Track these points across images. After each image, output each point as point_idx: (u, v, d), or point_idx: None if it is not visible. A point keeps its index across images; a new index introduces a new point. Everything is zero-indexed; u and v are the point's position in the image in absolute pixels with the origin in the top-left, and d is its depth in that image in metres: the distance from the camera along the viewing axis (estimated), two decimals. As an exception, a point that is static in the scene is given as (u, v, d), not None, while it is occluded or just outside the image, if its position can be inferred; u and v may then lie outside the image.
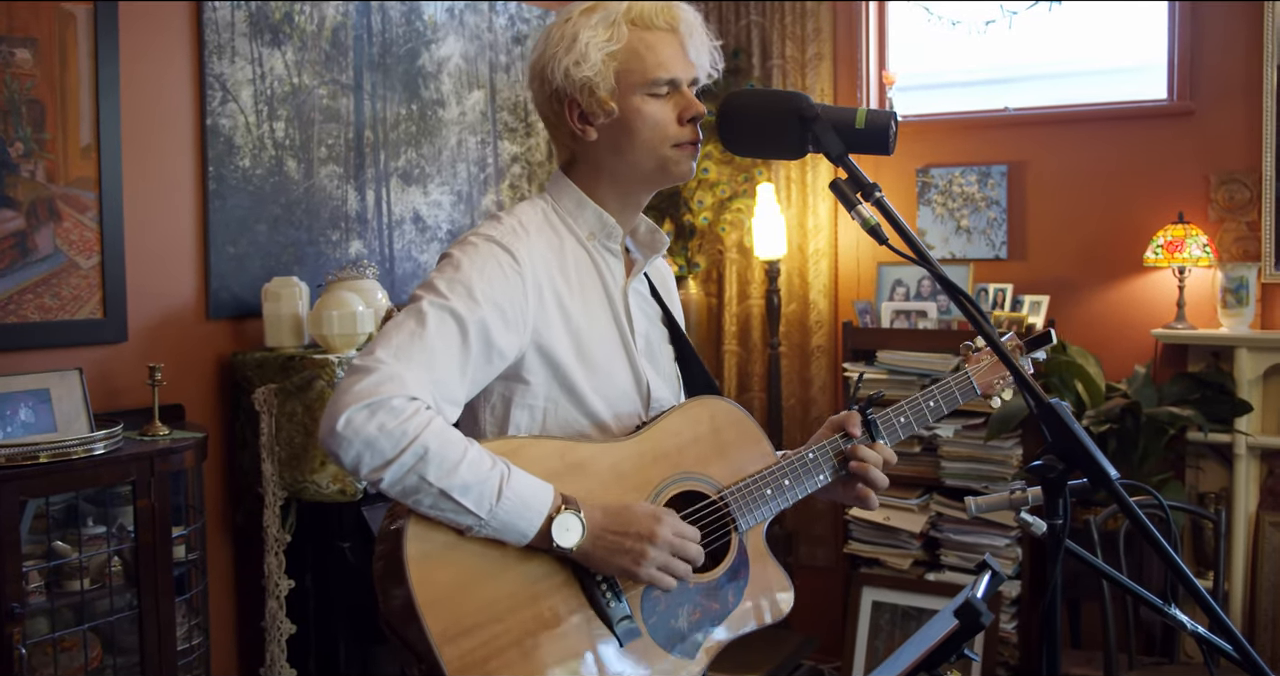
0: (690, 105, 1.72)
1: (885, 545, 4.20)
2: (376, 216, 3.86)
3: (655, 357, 1.83)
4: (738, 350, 4.84)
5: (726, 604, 1.72)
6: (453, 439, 1.50)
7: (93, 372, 3.04)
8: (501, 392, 1.69)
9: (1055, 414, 1.42)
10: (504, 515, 1.50)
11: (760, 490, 1.75)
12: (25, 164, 2.92)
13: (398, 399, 1.47)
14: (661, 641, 1.63)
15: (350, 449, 1.45)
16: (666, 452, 1.70)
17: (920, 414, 1.90)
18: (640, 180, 1.76)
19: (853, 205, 1.56)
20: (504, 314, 1.61)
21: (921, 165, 4.47)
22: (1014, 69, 4.42)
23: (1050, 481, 1.44)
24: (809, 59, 4.64)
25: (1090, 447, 1.41)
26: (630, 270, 1.82)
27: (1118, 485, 1.39)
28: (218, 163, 3.36)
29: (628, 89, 1.69)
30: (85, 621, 2.76)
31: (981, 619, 1.39)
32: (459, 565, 1.50)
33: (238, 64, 3.40)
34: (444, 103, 4.11)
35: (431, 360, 1.53)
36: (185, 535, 3.00)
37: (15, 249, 2.91)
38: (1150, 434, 3.78)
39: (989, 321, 1.49)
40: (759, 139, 1.66)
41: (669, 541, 1.57)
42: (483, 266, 1.61)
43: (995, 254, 4.33)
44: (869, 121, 1.57)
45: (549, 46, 1.70)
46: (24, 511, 2.71)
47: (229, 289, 3.40)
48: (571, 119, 1.72)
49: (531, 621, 1.53)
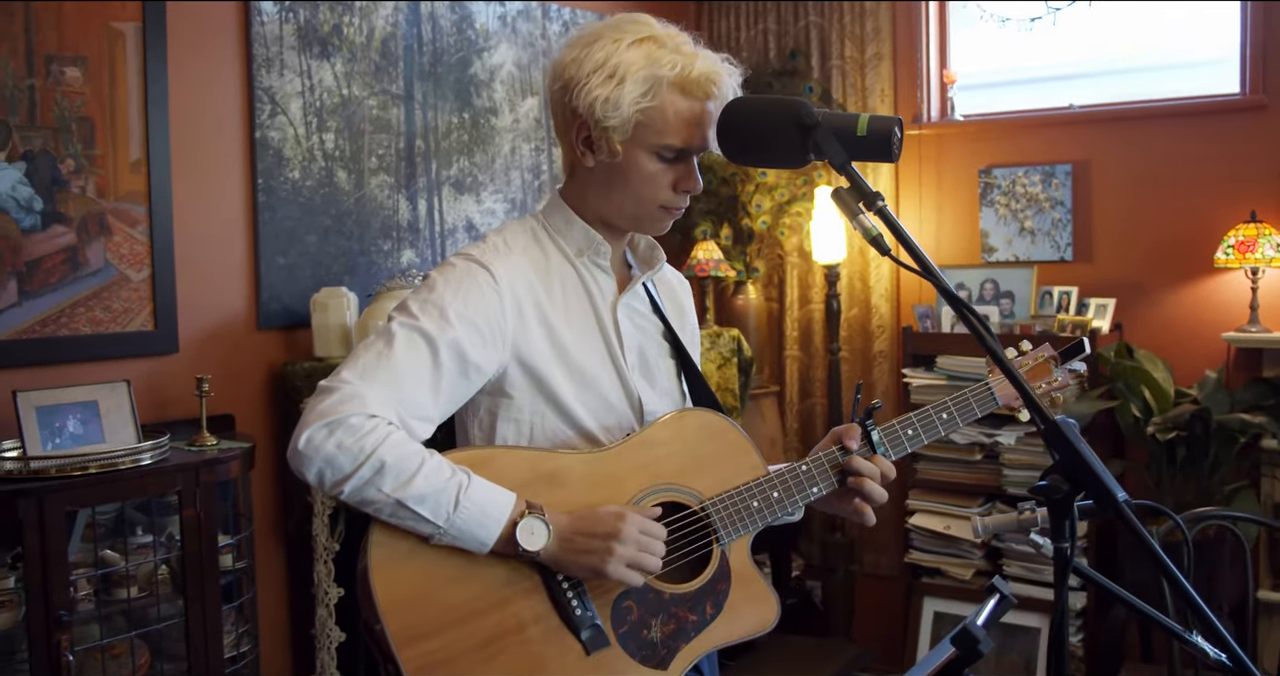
0: (689, 177, 1.71)
1: (946, 554, 4.11)
2: (429, 225, 3.87)
3: (651, 372, 1.82)
4: (799, 355, 4.78)
5: (704, 616, 1.69)
6: (410, 452, 1.53)
7: (144, 384, 3.09)
8: (488, 407, 1.71)
9: (1061, 432, 1.36)
10: (461, 523, 1.52)
11: (746, 502, 1.72)
12: (76, 180, 2.98)
13: (355, 417, 1.50)
14: (631, 651, 1.62)
15: (312, 466, 1.51)
16: (646, 463, 1.69)
17: (930, 425, 1.84)
18: (617, 218, 1.76)
19: (855, 214, 1.51)
20: (479, 330, 1.62)
21: (984, 166, 4.37)
22: (1079, 65, 4.29)
23: (1056, 502, 1.39)
24: (868, 59, 4.57)
25: (1097, 467, 1.34)
26: (627, 286, 1.81)
27: (1125, 507, 1.33)
28: (267, 175, 3.40)
29: (639, 141, 1.67)
30: (133, 629, 2.81)
31: (980, 646, 1.34)
32: (423, 570, 1.54)
33: (286, 76, 3.44)
34: (497, 110, 4.11)
35: (397, 379, 1.56)
36: (233, 544, 3.04)
37: (67, 263, 2.97)
38: (1221, 441, 3.64)
39: (993, 335, 1.43)
40: (760, 148, 1.61)
41: (635, 538, 1.57)
42: (458, 286, 1.63)
43: (1060, 256, 4.21)
44: (871, 128, 1.52)
45: (585, 66, 1.66)
46: (74, 521, 2.77)
47: (279, 299, 3.44)
48: (576, 139, 1.71)
49: (495, 627, 1.55)
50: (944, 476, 4.15)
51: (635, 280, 1.82)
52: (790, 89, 4.55)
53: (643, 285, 1.85)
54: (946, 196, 4.49)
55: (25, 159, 2.88)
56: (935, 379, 4.13)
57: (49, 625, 2.57)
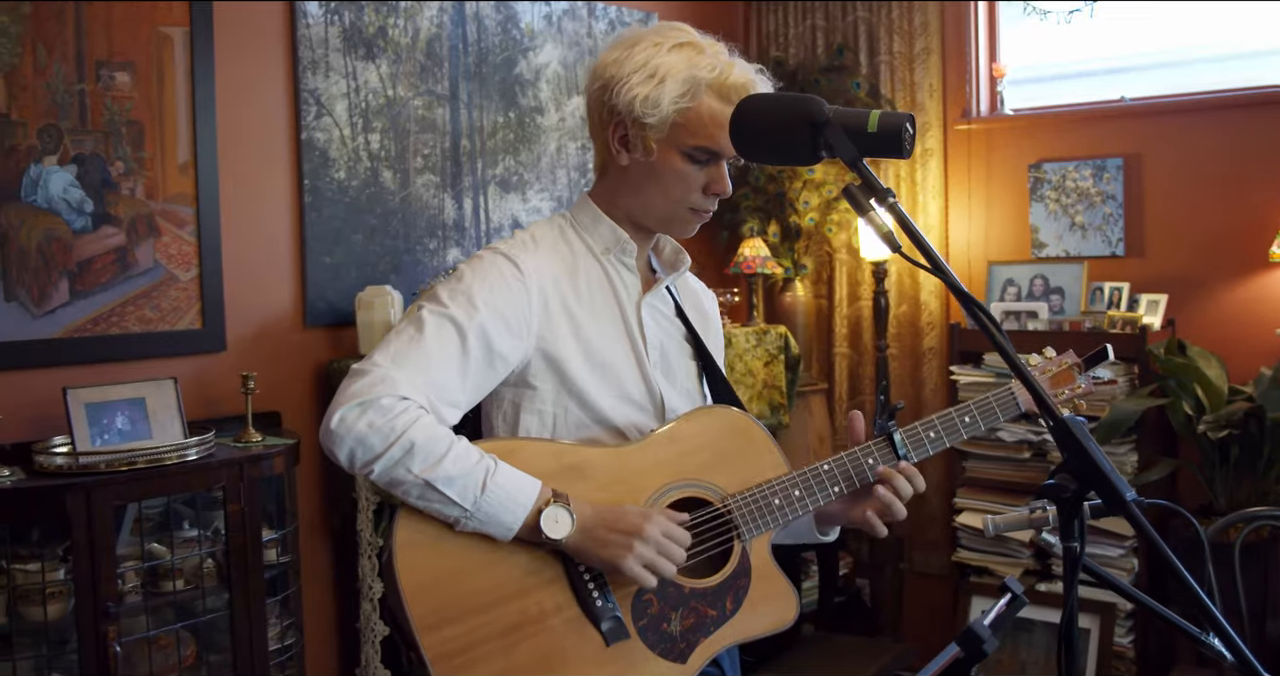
0: (720, 181, 1.76)
1: (995, 554, 4.07)
2: (474, 224, 3.91)
3: (672, 370, 1.84)
4: (849, 352, 4.76)
5: (724, 611, 1.70)
6: (439, 435, 1.56)
7: (192, 381, 3.15)
8: (512, 399, 1.74)
9: (1069, 431, 1.34)
10: (488, 507, 1.55)
11: (768, 500, 1.73)
12: (125, 182, 3.05)
13: (387, 398, 1.54)
14: (650, 644, 1.64)
15: (344, 445, 1.55)
16: (669, 459, 1.71)
17: (953, 428, 1.83)
18: (647, 218, 1.80)
19: (865, 211, 1.50)
20: (505, 319, 1.66)
21: (1034, 160, 4.31)
22: (1130, 58, 4.22)
23: (1065, 501, 1.37)
24: (917, 54, 4.53)
25: (1105, 467, 1.33)
26: (651, 287, 1.84)
27: (1134, 507, 1.31)
28: (313, 175, 3.46)
29: (674, 142, 1.72)
30: (180, 620, 2.87)
31: (984, 646, 1.33)
32: (448, 555, 1.56)
33: (332, 78, 3.49)
34: (543, 109, 4.14)
35: (427, 364, 1.59)
36: (278, 538, 3.09)
37: (116, 263, 3.03)
38: (1276, 440, 3.57)
39: (1004, 333, 1.42)
40: (772, 145, 1.61)
41: (656, 540, 1.59)
42: (485, 276, 1.67)
43: (1111, 251, 4.14)
44: (882, 124, 1.51)
45: (626, 66, 1.72)
46: (123, 515, 2.84)
47: (325, 298, 3.49)
48: (613, 137, 1.75)
49: (516, 614, 1.57)
50: (992, 475, 4.10)
51: (660, 281, 1.85)
52: (837, 84, 4.53)
53: (666, 289, 1.87)
54: (996, 191, 4.44)
55: (76, 162, 2.95)
56: (983, 376, 4.09)
57: (97, 616, 2.64)
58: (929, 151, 4.51)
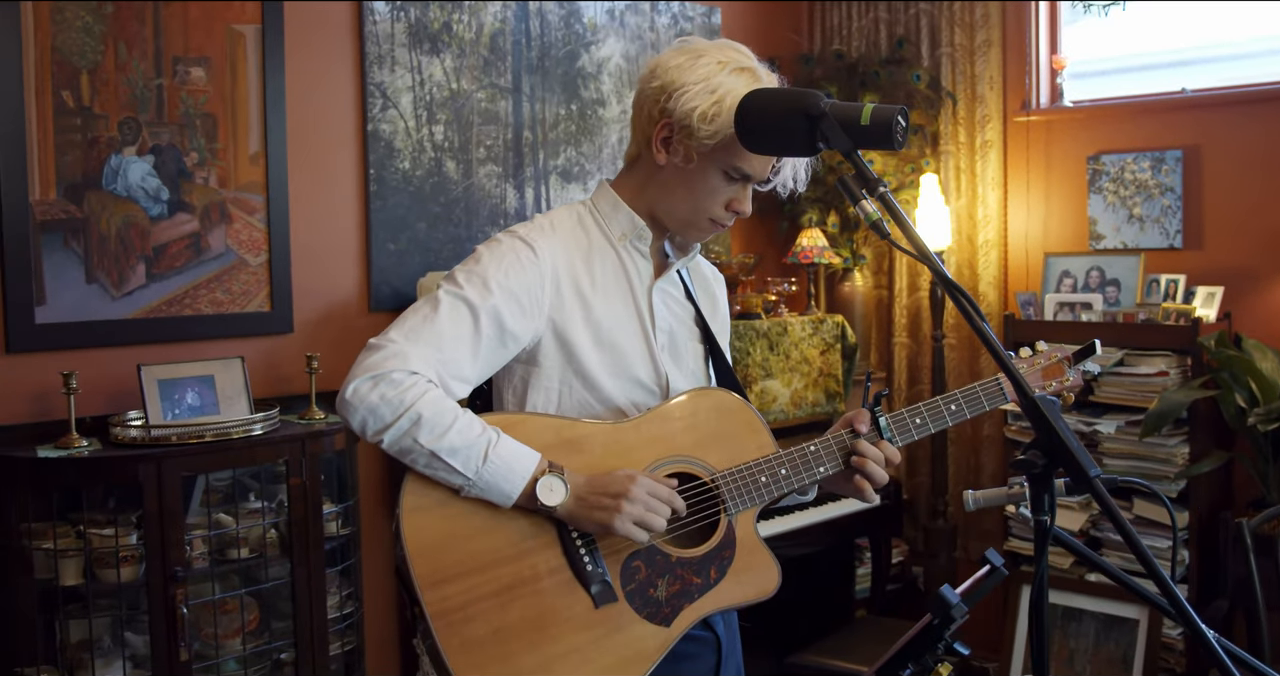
0: (744, 201, 1.85)
1: (1046, 543, 4.08)
2: (535, 213, 4.02)
3: (679, 353, 1.93)
4: (908, 342, 4.80)
5: (708, 579, 1.79)
6: (446, 408, 1.67)
7: (260, 361, 3.32)
8: (521, 375, 1.84)
9: (1039, 409, 1.41)
10: (489, 476, 1.66)
11: (755, 477, 1.81)
12: (199, 171, 3.22)
13: (398, 372, 1.66)
14: (637, 607, 1.73)
15: (356, 414, 1.67)
16: (663, 436, 1.80)
17: (939, 415, 1.90)
18: (668, 218, 1.89)
19: (857, 200, 1.58)
20: (519, 301, 1.76)
21: (1093, 153, 4.31)
22: (1191, 51, 4.19)
23: (1035, 476, 1.45)
24: (978, 46, 4.55)
25: (1072, 444, 1.40)
26: (663, 272, 1.92)
27: (1099, 483, 1.38)
28: (378, 165, 3.61)
29: (715, 157, 1.80)
30: (244, 587, 3.04)
31: (952, 611, 1.41)
32: (451, 519, 1.68)
33: (397, 72, 3.64)
34: (604, 102, 4.25)
35: (439, 341, 1.70)
36: (339, 511, 3.24)
37: (190, 248, 3.21)
38: (1329, 434, 3.55)
39: (984, 319, 1.49)
40: (774, 137, 1.70)
41: (643, 499, 1.68)
42: (500, 258, 1.77)
43: (1169, 243, 4.13)
44: (874, 117, 1.59)
45: (689, 75, 1.79)
46: (192, 486, 3.02)
47: (389, 283, 3.64)
48: (656, 136, 1.83)
49: (511, 576, 1.68)
50: (1045, 465, 4.11)
51: (671, 266, 1.94)
52: (897, 77, 4.57)
53: (677, 273, 1.95)
54: (1054, 183, 4.44)
55: (153, 152, 3.14)
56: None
57: (166, 580, 2.82)
58: (989, 143, 4.53)
